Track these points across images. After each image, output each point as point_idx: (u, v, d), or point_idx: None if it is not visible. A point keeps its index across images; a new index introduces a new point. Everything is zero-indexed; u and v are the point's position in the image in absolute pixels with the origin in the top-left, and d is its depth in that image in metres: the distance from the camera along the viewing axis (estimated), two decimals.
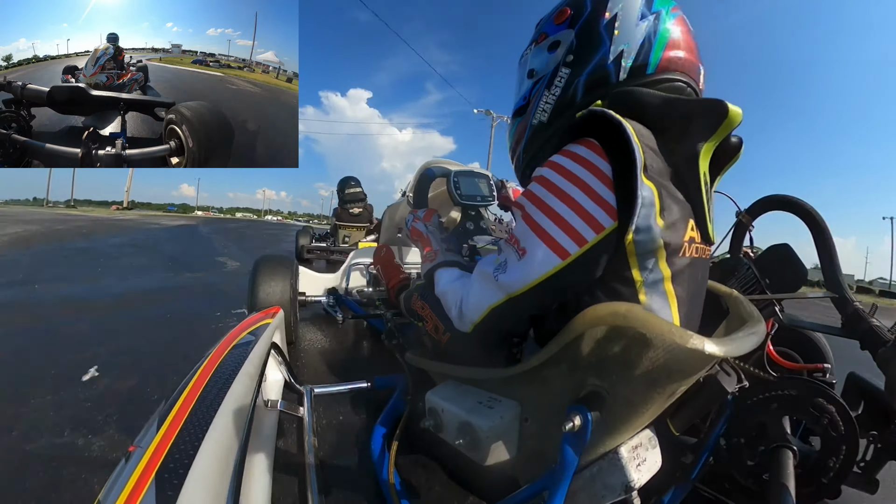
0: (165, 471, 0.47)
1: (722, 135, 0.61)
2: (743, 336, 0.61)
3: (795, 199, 1.18)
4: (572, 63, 0.74)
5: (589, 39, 0.72)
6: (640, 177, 0.55)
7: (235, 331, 0.99)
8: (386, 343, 1.57)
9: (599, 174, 0.58)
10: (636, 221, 0.55)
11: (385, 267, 1.57)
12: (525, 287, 0.62)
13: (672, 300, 0.61)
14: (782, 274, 1.13)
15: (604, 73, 0.71)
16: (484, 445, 0.68)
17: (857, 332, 1.03)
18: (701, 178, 0.61)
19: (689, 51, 0.71)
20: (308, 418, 1.00)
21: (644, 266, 0.59)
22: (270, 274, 1.93)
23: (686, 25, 0.72)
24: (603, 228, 0.57)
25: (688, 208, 0.62)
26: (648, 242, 0.57)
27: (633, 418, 0.64)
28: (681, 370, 0.57)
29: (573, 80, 0.74)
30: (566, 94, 0.75)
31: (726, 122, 0.59)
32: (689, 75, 0.71)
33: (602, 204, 0.57)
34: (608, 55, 0.70)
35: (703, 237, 0.65)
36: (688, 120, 0.62)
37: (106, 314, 2.51)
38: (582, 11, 0.74)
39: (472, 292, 0.72)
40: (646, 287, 0.59)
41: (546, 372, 0.65)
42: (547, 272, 0.59)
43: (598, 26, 0.71)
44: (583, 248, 0.57)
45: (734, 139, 0.66)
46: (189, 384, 0.69)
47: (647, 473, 0.72)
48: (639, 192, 0.54)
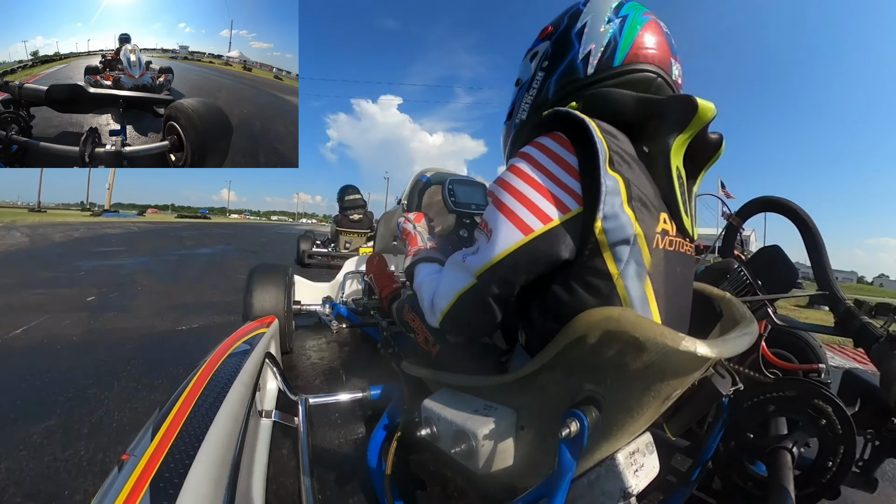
0: (160, 480, 0.47)
1: (694, 129, 0.63)
2: (735, 337, 0.61)
3: (785, 200, 1.19)
4: (546, 67, 0.82)
5: (561, 46, 0.79)
6: (604, 168, 0.58)
7: (230, 340, 0.99)
8: (381, 352, 1.57)
9: (565, 165, 0.61)
10: (603, 209, 0.57)
11: (378, 276, 1.57)
12: (490, 263, 0.63)
13: (650, 293, 0.61)
14: (774, 275, 1.14)
15: (573, 69, 0.77)
16: (480, 453, 0.68)
17: (849, 330, 1.03)
18: (673, 173, 0.63)
19: (659, 46, 0.75)
20: (303, 428, 0.99)
21: (618, 258, 0.59)
22: (265, 283, 1.92)
23: (657, 26, 0.76)
24: (569, 210, 0.60)
25: (659, 201, 0.63)
26: (619, 230, 0.58)
27: (630, 423, 0.64)
28: (674, 373, 0.57)
29: (546, 81, 0.81)
30: (541, 93, 0.82)
31: (697, 116, 0.61)
32: (657, 66, 0.74)
33: (568, 190, 0.60)
34: (577, 55, 0.76)
35: (678, 230, 0.66)
36: (660, 116, 0.65)
37: None
38: (559, 26, 0.82)
39: (444, 281, 0.74)
40: (624, 280, 0.60)
41: (541, 378, 0.65)
42: (510, 247, 0.61)
43: (570, 34, 0.79)
44: (547, 226, 0.59)
45: (713, 136, 0.67)
46: (184, 393, 0.68)
47: (645, 479, 0.72)
48: (602, 180, 0.57)
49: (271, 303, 1.87)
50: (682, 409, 0.72)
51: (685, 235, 0.68)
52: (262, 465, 0.94)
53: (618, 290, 0.60)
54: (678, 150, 0.64)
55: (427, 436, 0.76)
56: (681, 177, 0.66)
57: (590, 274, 0.61)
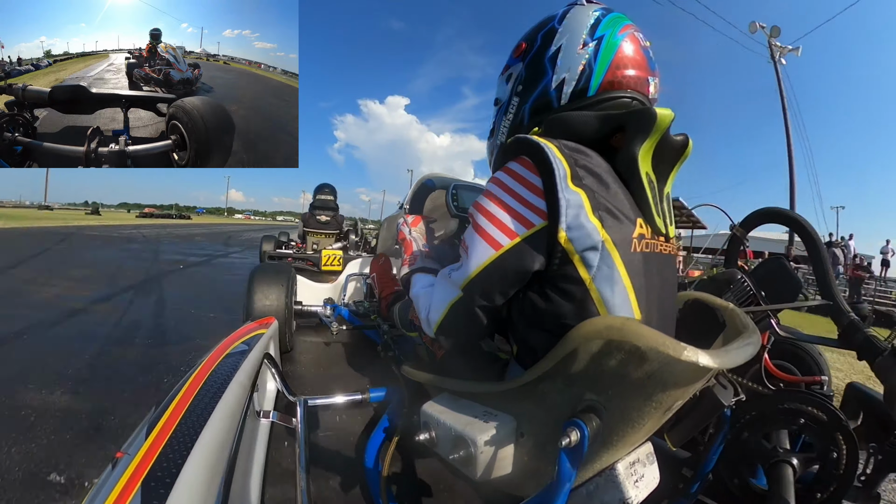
0: (152, 479, 0.47)
1: (656, 136, 0.67)
2: (737, 347, 0.60)
3: (789, 211, 1.19)
4: (521, 92, 0.85)
5: (535, 71, 0.82)
6: (564, 184, 0.62)
7: (229, 340, 0.99)
8: (382, 355, 1.56)
9: (530, 185, 0.66)
10: (565, 220, 0.61)
11: (380, 276, 1.57)
12: (469, 277, 0.69)
13: (630, 292, 0.64)
14: (777, 287, 1.14)
15: (546, 100, 0.80)
16: (479, 460, 0.67)
17: (853, 342, 1.03)
18: (643, 179, 0.67)
19: (636, 67, 0.77)
20: (301, 429, 0.98)
21: (588, 263, 0.63)
22: (267, 282, 1.92)
23: (635, 43, 0.78)
24: (533, 225, 0.65)
25: (633, 208, 0.67)
26: (584, 238, 0.62)
27: (631, 433, 0.64)
28: (676, 383, 0.57)
29: (521, 107, 0.85)
30: (517, 119, 0.86)
31: (657, 124, 0.66)
32: (634, 90, 0.77)
33: (532, 207, 0.65)
34: (550, 84, 0.79)
35: (653, 231, 0.69)
36: (623, 129, 0.69)
37: None
38: (533, 45, 0.83)
39: (436, 295, 0.78)
40: (597, 284, 0.63)
41: (542, 386, 0.65)
42: (483, 262, 0.67)
43: (544, 59, 0.80)
44: (513, 241, 0.65)
45: (678, 137, 0.71)
46: (180, 392, 0.68)
47: (645, 490, 0.71)
48: (561, 196, 0.61)
49: (272, 303, 1.87)
50: (683, 419, 0.71)
51: (660, 235, 0.71)
52: (260, 465, 0.93)
53: (591, 294, 0.63)
54: (645, 156, 0.68)
55: (425, 441, 0.76)
56: (651, 181, 0.70)
57: (563, 281, 0.64)
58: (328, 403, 1.28)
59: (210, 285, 4.82)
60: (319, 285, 2.67)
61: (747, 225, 1.33)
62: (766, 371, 1.10)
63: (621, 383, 0.57)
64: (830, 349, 1.21)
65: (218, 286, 4.75)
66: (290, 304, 1.98)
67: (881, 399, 0.95)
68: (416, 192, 1.68)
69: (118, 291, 3.84)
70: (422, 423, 0.79)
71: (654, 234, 0.70)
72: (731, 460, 0.99)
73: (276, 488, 1.11)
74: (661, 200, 0.73)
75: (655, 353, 0.51)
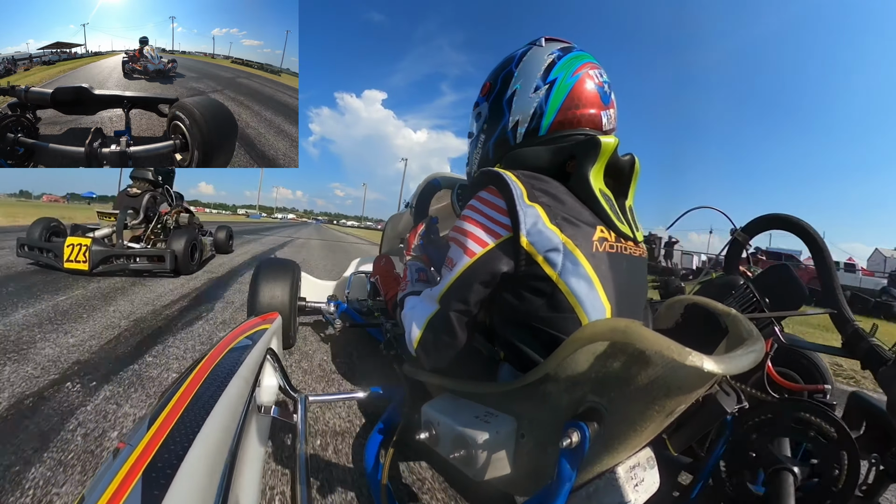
0: (153, 470, 0.47)
1: (603, 159, 0.79)
2: (741, 354, 0.60)
3: (794, 217, 1.18)
4: (486, 130, 0.97)
5: (495, 112, 0.94)
6: (522, 201, 0.73)
7: (232, 334, 0.99)
8: (384, 353, 1.56)
9: (496, 207, 0.77)
10: (525, 228, 0.72)
11: (384, 277, 1.57)
12: (447, 286, 0.78)
13: (597, 283, 0.72)
14: (782, 294, 1.13)
15: (504, 138, 0.92)
16: (479, 460, 0.67)
17: (857, 351, 1.02)
18: (597, 194, 0.78)
19: (588, 104, 0.86)
20: (301, 426, 0.99)
21: (552, 262, 0.71)
22: (272, 278, 1.93)
23: (587, 82, 0.87)
24: (500, 236, 0.75)
25: (592, 217, 0.77)
26: (545, 242, 0.71)
27: (632, 436, 0.64)
28: (679, 387, 0.57)
29: (486, 143, 0.97)
30: (484, 152, 0.99)
31: (602, 150, 0.78)
32: (586, 126, 0.87)
33: (498, 223, 0.76)
34: (508, 124, 0.91)
35: (619, 235, 0.79)
36: (573, 157, 0.81)
37: None
38: (495, 86, 0.95)
39: (416, 314, 0.85)
40: (564, 278, 0.71)
41: (544, 387, 0.65)
42: (461, 269, 0.76)
43: (502, 101, 0.92)
44: (485, 249, 0.75)
45: (626, 157, 0.84)
46: (182, 385, 0.68)
47: (644, 494, 0.71)
48: (520, 210, 0.72)
49: (277, 299, 1.87)
50: (685, 424, 0.71)
51: (627, 239, 0.81)
52: (259, 459, 0.93)
53: (560, 287, 0.71)
54: (596, 176, 0.79)
55: (426, 439, 0.76)
56: (607, 196, 0.80)
57: (531, 279, 0.73)
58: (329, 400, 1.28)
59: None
60: (323, 282, 2.67)
61: (750, 230, 1.32)
62: (769, 378, 1.09)
63: (624, 386, 0.57)
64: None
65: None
66: (294, 300, 1.98)
67: (884, 409, 0.95)
68: (422, 191, 1.68)
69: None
70: (423, 421, 0.79)
71: (618, 237, 0.79)
72: (732, 467, 0.98)
73: (275, 482, 1.11)
74: (624, 211, 0.84)
75: (660, 356, 0.51)
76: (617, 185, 0.85)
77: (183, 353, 2.01)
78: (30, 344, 1.93)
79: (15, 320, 2.24)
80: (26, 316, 2.34)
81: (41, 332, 2.09)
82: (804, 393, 1.12)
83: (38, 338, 2.01)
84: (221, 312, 2.86)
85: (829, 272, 1.10)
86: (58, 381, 1.57)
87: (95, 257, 3.48)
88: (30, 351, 1.84)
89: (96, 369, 1.71)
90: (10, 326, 2.14)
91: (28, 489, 0.99)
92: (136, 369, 1.75)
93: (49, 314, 2.41)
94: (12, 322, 2.21)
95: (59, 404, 1.39)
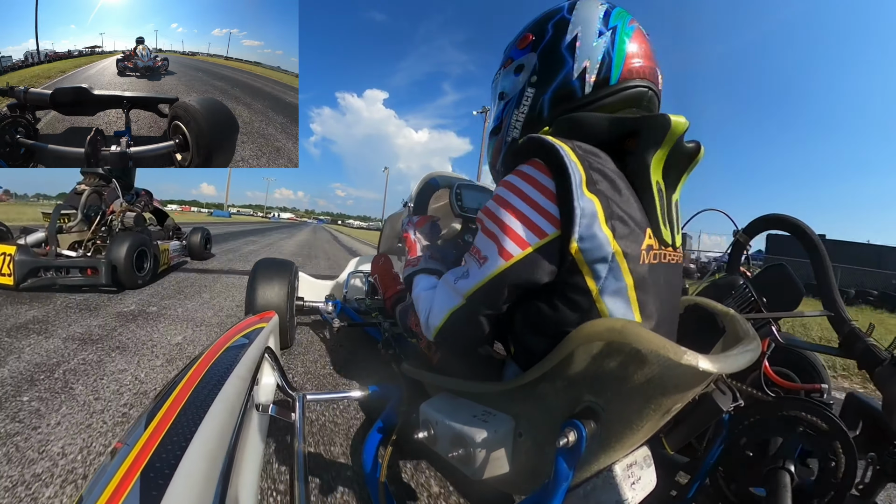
0: (151, 470, 0.47)
1: (669, 144, 0.66)
2: (737, 353, 0.61)
3: (792, 218, 1.18)
4: (537, 83, 0.81)
5: (551, 60, 0.79)
6: (580, 191, 0.60)
7: (229, 333, 0.99)
8: (382, 353, 1.56)
9: (543, 189, 0.64)
10: (578, 231, 0.60)
11: (382, 276, 1.57)
12: (476, 286, 0.69)
13: (634, 306, 0.64)
14: (779, 294, 1.13)
15: (569, 89, 0.77)
16: (477, 459, 0.67)
17: (853, 351, 1.02)
18: (653, 187, 0.67)
19: (648, 58, 0.77)
20: (299, 424, 0.98)
21: (597, 275, 0.62)
22: (269, 277, 1.93)
23: (643, 36, 0.78)
24: (546, 235, 0.63)
25: (643, 217, 0.66)
26: (596, 250, 0.61)
27: (629, 435, 0.64)
28: (675, 386, 0.57)
29: (539, 98, 0.81)
30: (533, 111, 0.82)
31: (671, 131, 0.65)
32: (648, 80, 0.77)
33: (545, 215, 0.63)
34: (572, 72, 0.77)
35: (661, 243, 0.68)
36: (636, 135, 0.68)
37: None
38: (543, 35, 0.81)
39: (437, 300, 0.78)
40: (604, 296, 0.62)
41: (541, 387, 0.65)
42: (493, 272, 0.66)
43: (560, 47, 0.78)
44: (525, 251, 0.63)
45: (690, 144, 0.70)
46: (179, 384, 0.68)
47: (641, 493, 0.71)
48: (576, 203, 0.60)
49: (275, 297, 1.87)
50: (681, 423, 0.72)
51: (667, 245, 0.70)
52: (257, 458, 0.93)
53: (597, 306, 0.63)
54: (657, 165, 0.67)
55: (424, 438, 0.76)
56: (661, 189, 0.69)
57: (570, 291, 0.64)
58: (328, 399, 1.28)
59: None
60: (321, 282, 2.67)
61: (750, 231, 1.33)
62: (766, 377, 1.09)
63: (620, 385, 0.57)
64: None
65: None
66: (291, 299, 1.98)
67: (880, 409, 0.95)
68: (420, 190, 1.68)
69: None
70: (421, 421, 0.79)
71: (660, 245, 0.68)
72: (729, 466, 0.98)
73: (273, 482, 1.11)
74: (670, 209, 0.72)
75: (655, 356, 0.51)
76: (670, 174, 0.72)
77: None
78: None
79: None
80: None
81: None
82: (801, 392, 1.12)
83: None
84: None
85: (825, 273, 1.11)
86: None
87: (21, 269, 2.78)
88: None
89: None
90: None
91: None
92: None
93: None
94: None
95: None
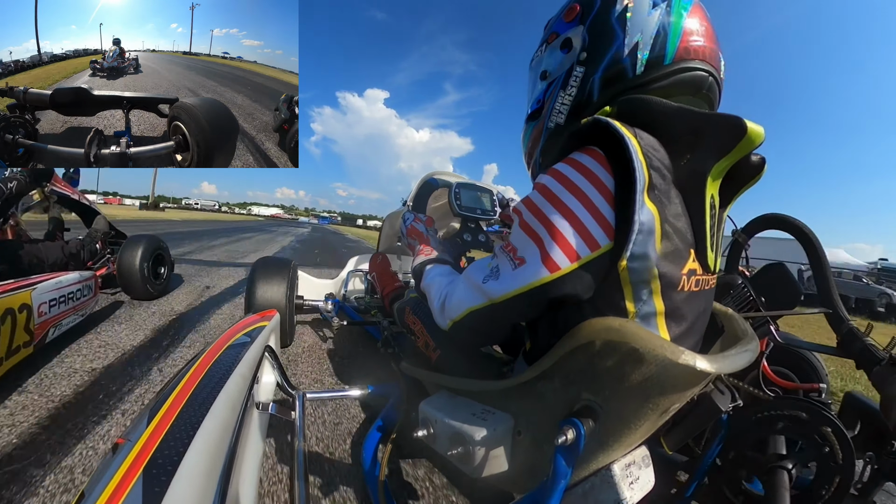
0: (154, 466, 0.47)
1: (737, 156, 0.57)
2: (735, 353, 0.61)
3: (790, 217, 1.19)
4: (586, 61, 0.70)
5: (601, 34, 0.68)
6: (641, 197, 0.52)
7: (231, 331, 0.99)
8: (381, 351, 1.57)
9: (601, 187, 0.55)
10: (631, 248, 0.53)
11: (381, 275, 1.58)
12: (508, 295, 0.61)
13: (663, 334, 0.59)
14: (777, 293, 1.14)
15: (620, 69, 0.66)
16: (476, 457, 0.68)
17: (851, 351, 1.03)
18: (706, 203, 0.58)
19: (708, 38, 0.66)
20: (299, 423, 0.99)
21: (638, 297, 0.57)
22: (269, 276, 1.93)
23: (703, 12, 0.67)
24: (599, 247, 0.55)
25: (690, 237, 0.58)
26: (644, 272, 0.55)
27: (627, 434, 0.64)
28: (673, 386, 0.57)
29: (588, 79, 0.69)
30: (582, 93, 0.71)
31: (743, 142, 0.54)
32: (709, 63, 0.65)
33: (601, 220, 0.55)
34: (623, 48, 0.66)
35: (703, 268, 0.61)
36: (698, 135, 0.57)
37: None
38: (592, 5, 0.70)
39: (457, 291, 0.72)
40: (638, 319, 0.57)
41: (540, 386, 0.65)
42: (533, 283, 0.58)
43: (610, 19, 0.67)
44: (574, 265, 0.56)
45: (755, 158, 0.61)
46: (182, 381, 0.69)
47: (639, 492, 0.72)
48: (636, 215, 0.52)
49: (274, 296, 1.87)
50: (680, 423, 0.72)
51: (710, 271, 0.63)
52: (257, 456, 0.94)
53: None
54: (716, 176, 0.58)
55: (423, 437, 0.76)
56: (714, 206, 0.60)
57: (606, 307, 0.58)
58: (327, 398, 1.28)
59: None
60: (320, 281, 2.67)
61: (749, 231, 1.33)
62: (765, 377, 1.10)
63: (619, 384, 0.57)
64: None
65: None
66: (291, 298, 1.98)
67: (878, 409, 0.95)
68: (419, 189, 1.69)
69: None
70: (420, 419, 0.79)
71: (703, 270, 0.61)
72: (727, 465, 0.99)
73: (273, 480, 1.12)
74: (718, 230, 0.64)
75: (653, 355, 0.52)
76: (725, 188, 0.63)
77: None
78: None
79: None
80: None
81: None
82: (799, 391, 1.13)
83: None
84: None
85: (824, 272, 1.11)
86: None
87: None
88: None
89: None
90: None
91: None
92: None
93: None
94: None
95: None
